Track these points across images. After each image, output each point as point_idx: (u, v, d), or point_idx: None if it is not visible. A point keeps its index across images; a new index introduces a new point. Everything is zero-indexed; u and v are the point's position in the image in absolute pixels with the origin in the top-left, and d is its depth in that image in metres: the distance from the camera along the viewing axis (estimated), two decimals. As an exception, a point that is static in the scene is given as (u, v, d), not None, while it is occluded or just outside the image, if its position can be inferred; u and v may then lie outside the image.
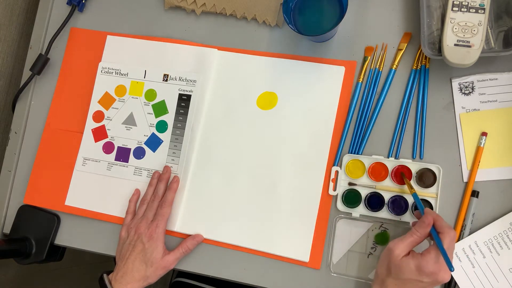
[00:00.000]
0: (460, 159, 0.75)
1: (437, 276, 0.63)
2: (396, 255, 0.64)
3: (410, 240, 0.65)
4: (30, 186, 0.89)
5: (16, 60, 1.00)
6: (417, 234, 0.65)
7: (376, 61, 0.80)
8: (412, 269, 0.63)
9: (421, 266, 0.63)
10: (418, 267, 0.63)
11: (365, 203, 0.76)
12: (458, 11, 0.72)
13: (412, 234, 0.65)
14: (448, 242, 0.63)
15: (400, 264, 0.64)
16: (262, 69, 0.83)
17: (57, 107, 0.90)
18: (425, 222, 0.65)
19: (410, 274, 0.63)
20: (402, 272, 0.64)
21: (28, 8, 1.01)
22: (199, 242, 0.80)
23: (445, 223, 0.65)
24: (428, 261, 0.63)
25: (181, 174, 0.83)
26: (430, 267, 0.62)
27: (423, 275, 0.63)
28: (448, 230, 0.64)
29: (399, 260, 0.64)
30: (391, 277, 0.65)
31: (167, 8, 0.88)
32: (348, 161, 0.78)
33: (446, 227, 0.64)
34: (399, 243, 0.65)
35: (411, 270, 0.63)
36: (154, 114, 0.86)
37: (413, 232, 0.65)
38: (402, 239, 0.65)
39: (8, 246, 0.83)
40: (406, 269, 0.63)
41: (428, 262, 0.63)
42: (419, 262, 0.63)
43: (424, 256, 0.63)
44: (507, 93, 0.75)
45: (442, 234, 0.64)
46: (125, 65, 0.88)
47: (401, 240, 0.65)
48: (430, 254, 0.63)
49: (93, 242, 0.85)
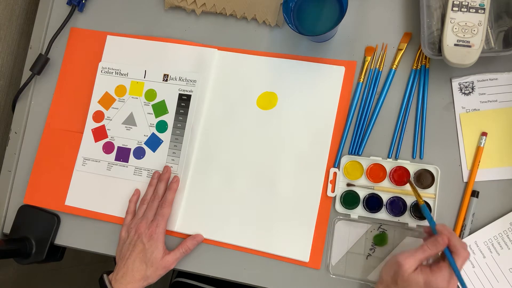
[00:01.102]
0: (460, 159, 0.75)
1: None
2: (405, 270, 0.63)
3: (421, 257, 0.64)
4: (30, 186, 0.89)
5: (16, 60, 1.00)
6: (429, 252, 0.64)
7: (376, 61, 0.80)
8: (421, 284, 0.62)
9: (430, 282, 0.62)
10: (427, 283, 0.62)
11: (363, 204, 0.76)
12: (458, 11, 0.72)
13: (424, 251, 0.64)
14: (461, 263, 0.63)
15: (408, 279, 0.63)
16: (262, 69, 0.83)
17: (57, 107, 0.90)
18: (440, 243, 0.64)
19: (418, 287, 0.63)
20: (409, 286, 0.63)
21: (28, 8, 1.01)
22: (199, 242, 0.80)
23: (458, 242, 0.64)
24: (439, 278, 0.62)
25: (181, 174, 0.83)
26: (439, 284, 0.62)
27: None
28: (462, 251, 0.63)
29: (408, 275, 0.63)
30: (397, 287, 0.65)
31: (167, 8, 0.88)
32: (346, 163, 0.78)
33: (460, 247, 0.63)
34: (410, 258, 0.63)
35: (420, 285, 0.63)
36: (154, 114, 0.86)
37: (425, 250, 0.64)
38: (413, 254, 0.64)
39: (8, 246, 0.83)
40: (414, 284, 0.63)
41: (438, 280, 0.62)
42: (429, 278, 0.62)
43: (435, 273, 0.63)
44: (507, 93, 0.75)
45: (456, 254, 0.63)
46: (125, 65, 0.88)
47: (411, 255, 0.64)
48: (441, 272, 0.63)
49: (93, 242, 0.85)
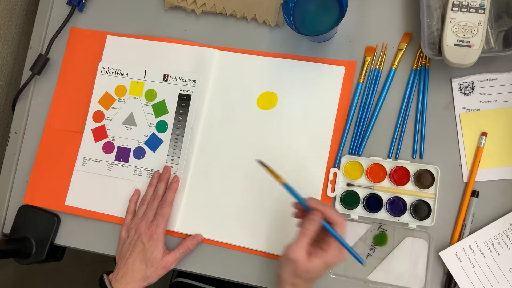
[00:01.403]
0: (460, 159, 0.75)
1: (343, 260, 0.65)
2: (300, 262, 0.63)
3: (305, 242, 0.63)
4: (30, 186, 0.89)
5: (16, 60, 1.00)
6: (310, 233, 0.64)
7: (376, 61, 0.80)
8: (321, 267, 0.64)
9: (328, 261, 0.64)
10: (326, 263, 0.64)
11: (363, 204, 0.76)
12: (458, 11, 0.72)
13: (305, 235, 0.64)
14: (341, 230, 0.64)
15: (308, 269, 0.63)
16: (262, 69, 0.83)
17: (57, 107, 0.90)
18: (315, 219, 0.64)
19: (320, 272, 0.64)
20: (312, 273, 0.64)
21: (28, 8, 1.01)
22: (199, 242, 0.80)
23: (333, 212, 0.65)
24: (332, 254, 0.64)
25: (181, 174, 0.83)
26: (336, 259, 0.64)
27: (331, 266, 0.65)
28: (338, 218, 0.64)
29: (305, 266, 0.63)
30: (300, 278, 0.65)
31: (167, 8, 0.88)
32: (346, 163, 0.78)
33: (335, 217, 0.64)
34: (298, 250, 0.63)
35: (321, 268, 0.64)
36: (154, 114, 0.86)
37: (305, 232, 0.64)
38: (298, 243, 0.63)
39: (8, 246, 0.83)
40: (316, 270, 0.64)
41: (333, 256, 0.64)
42: (325, 259, 0.63)
43: (327, 251, 0.64)
44: (507, 93, 0.75)
45: (334, 224, 0.64)
46: (125, 65, 0.88)
47: (297, 245, 0.63)
48: (331, 247, 0.64)
49: (93, 242, 0.85)
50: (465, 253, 0.72)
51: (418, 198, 0.75)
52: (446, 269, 0.73)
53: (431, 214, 0.74)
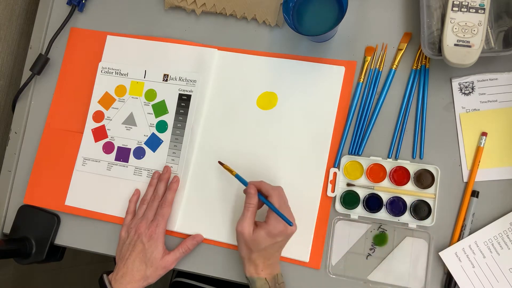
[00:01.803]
0: (460, 159, 0.75)
1: (286, 232, 0.71)
2: (247, 234, 0.70)
3: (249, 215, 0.71)
4: (30, 186, 0.89)
5: (16, 60, 1.00)
6: (251, 206, 0.72)
7: (376, 61, 0.80)
8: (265, 237, 0.70)
9: (270, 231, 0.70)
10: (268, 233, 0.70)
11: (363, 204, 0.76)
12: (458, 11, 0.72)
13: (247, 208, 0.72)
14: (277, 200, 0.71)
15: (254, 239, 0.70)
16: (262, 69, 0.83)
17: (57, 107, 0.90)
18: (251, 193, 0.72)
19: (266, 241, 0.70)
20: (259, 244, 0.70)
21: (28, 8, 1.01)
22: (199, 242, 0.80)
23: (268, 186, 0.72)
24: (272, 224, 0.70)
25: (181, 174, 0.83)
26: (277, 228, 0.70)
27: (276, 236, 0.70)
28: (273, 191, 0.71)
29: (252, 237, 0.70)
30: (255, 253, 0.71)
31: (167, 8, 0.88)
32: (346, 163, 0.78)
33: (270, 189, 0.72)
34: (243, 223, 0.71)
35: (265, 238, 0.70)
36: (154, 114, 0.86)
37: (247, 207, 0.72)
38: (243, 218, 0.71)
39: (8, 246, 0.83)
40: (261, 240, 0.70)
41: (273, 225, 0.70)
42: (267, 229, 0.70)
43: (269, 222, 0.70)
44: (507, 93, 0.75)
45: (269, 196, 0.71)
46: (125, 65, 0.88)
47: (242, 219, 0.71)
48: (270, 219, 0.70)
49: (93, 242, 0.85)
50: (465, 253, 0.72)
51: (418, 198, 0.75)
52: (446, 269, 0.73)
53: (431, 214, 0.74)
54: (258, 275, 0.72)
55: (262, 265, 0.72)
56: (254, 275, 0.72)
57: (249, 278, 0.73)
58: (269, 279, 0.72)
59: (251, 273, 0.72)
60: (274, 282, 0.72)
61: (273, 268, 0.73)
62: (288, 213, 0.72)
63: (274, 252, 0.73)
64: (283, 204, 0.72)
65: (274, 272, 0.73)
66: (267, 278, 0.72)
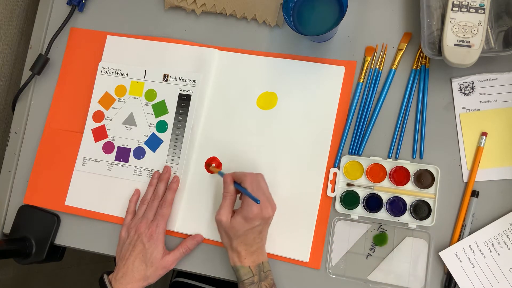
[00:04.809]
0: (460, 159, 0.75)
1: (262, 215, 0.70)
2: (225, 222, 0.71)
3: (226, 203, 0.73)
4: (30, 186, 0.89)
5: (16, 60, 1.00)
6: (228, 195, 0.73)
7: (376, 61, 0.80)
8: (242, 222, 0.70)
9: (245, 215, 0.70)
10: (244, 218, 0.70)
11: (363, 204, 0.76)
12: (458, 11, 0.72)
13: (225, 197, 0.73)
14: (249, 184, 0.71)
15: (232, 226, 0.71)
16: (262, 69, 0.83)
17: (57, 107, 0.90)
18: (226, 181, 0.74)
19: (243, 226, 0.70)
20: (237, 230, 0.71)
21: (28, 8, 1.01)
22: (199, 242, 0.80)
23: (241, 173, 0.74)
24: (246, 208, 0.70)
25: (181, 174, 0.83)
26: (252, 211, 0.70)
27: (252, 220, 0.70)
28: (245, 177, 0.72)
29: (229, 224, 0.71)
30: (234, 240, 0.71)
31: (167, 8, 0.88)
32: (346, 163, 0.78)
33: (242, 176, 0.73)
34: (221, 211, 0.72)
35: (242, 223, 0.70)
36: (154, 114, 0.86)
37: (224, 196, 0.73)
38: (221, 206, 0.72)
39: (8, 246, 0.83)
40: (238, 226, 0.70)
41: (247, 210, 0.70)
42: (242, 214, 0.70)
43: (243, 208, 0.71)
44: (507, 93, 0.75)
45: (243, 182, 0.72)
46: (125, 65, 0.88)
47: (220, 208, 0.72)
48: (244, 203, 0.71)
49: (93, 242, 0.85)
50: (465, 253, 0.72)
51: (418, 198, 0.75)
52: (446, 269, 0.73)
53: (431, 214, 0.74)
54: (242, 263, 0.72)
55: (245, 253, 0.72)
56: (238, 263, 0.72)
57: (233, 267, 0.73)
58: (252, 267, 0.72)
59: (235, 262, 0.73)
60: (259, 270, 0.72)
61: (257, 256, 0.73)
62: (261, 197, 0.71)
63: (254, 237, 0.72)
64: (256, 188, 0.72)
65: (259, 260, 0.73)
66: (251, 266, 0.72)
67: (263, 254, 0.74)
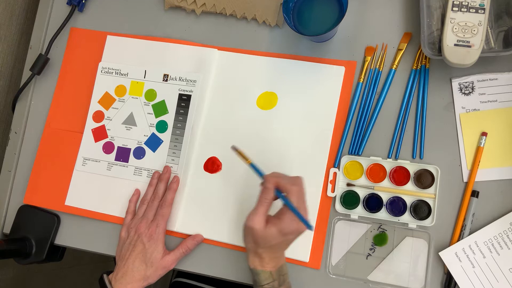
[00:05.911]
0: (460, 159, 0.75)
1: (298, 231, 0.66)
2: (257, 230, 0.66)
3: (261, 210, 0.66)
4: (30, 186, 0.89)
5: (16, 60, 1.00)
6: (265, 202, 0.67)
7: (376, 61, 0.80)
8: (277, 234, 0.66)
9: (282, 229, 0.65)
10: (280, 231, 0.65)
11: (363, 204, 0.76)
12: (458, 11, 0.72)
13: (262, 203, 0.67)
14: (295, 199, 0.66)
15: (265, 236, 0.66)
16: (262, 69, 0.83)
17: (57, 107, 0.90)
18: (268, 188, 0.67)
19: (276, 239, 0.66)
20: (269, 241, 0.66)
21: (28, 8, 1.01)
22: (199, 242, 0.80)
23: (286, 181, 0.67)
24: (286, 222, 0.65)
25: (181, 174, 0.83)
26: (290, 227, 0.65)
27: (288, 235, 0.66)
28: (291, 187, 0.66)
29: (262, 233, 0.66)
30: (261, 247, 0.67)
31: (167, 8, 0.88)
32: (346, 163, 0.78)
33: (288, 185, 0.67)
34: (255, 218, 0.66)
35: (276, 236, 0.66)
36: (154, 114, 0.86)
37: (261, 201, 0.67)
38: (255, 212, 0.67)
39: (8, 246, 0.83)
40: (271, 237, 0.66)
41: (287, 223, 0.65)
42: (279, 227, 0.65)
43: (282, 220, 0.66)
44: (507, 93, 0.75)
45: (288, 192, 0.66)
46: (125, 65, 0.88)
47: (255, 214, 0.66)
48: (285, 216, 0.66)
49: (93, 242, 0.85)
50: (465, 253, 0.72)
51: (418, 198, 0.75)
52: (446, 269, 0.73)
53: (431, 214, 0.74)
54: (263, 268, 0.68)
55: (268, 259, 0.68)
56: (259, 267, 0.69)
57: (253, 269, 0.69)
58: (274, 272, 0.69)
59: (255, 265, 0.69)
60: (278, 274, 0.70)
61: (278, 260, 0.70)
62: (305, 211, 0.67)
63: (282, 247, 0.69)
64: (302, 202, 0.67)
65: (279, 263, 0.70)
66: (272, 271, 0.69)
67: (283, 257, 0.71)
